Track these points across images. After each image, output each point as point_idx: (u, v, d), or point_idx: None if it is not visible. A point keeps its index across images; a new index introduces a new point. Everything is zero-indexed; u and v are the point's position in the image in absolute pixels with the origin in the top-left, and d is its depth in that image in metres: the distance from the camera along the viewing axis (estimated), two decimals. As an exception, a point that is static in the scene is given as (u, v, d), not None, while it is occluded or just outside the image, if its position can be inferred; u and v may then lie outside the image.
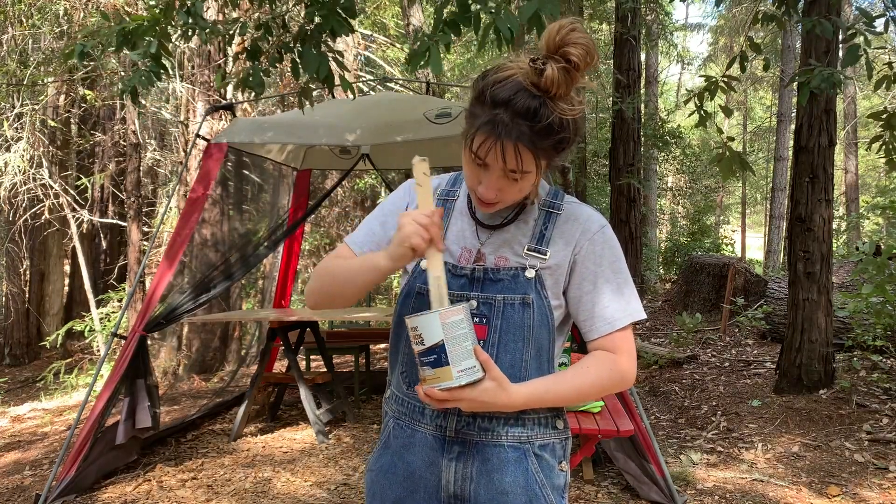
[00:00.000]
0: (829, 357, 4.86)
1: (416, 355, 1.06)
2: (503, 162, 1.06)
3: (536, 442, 1.19)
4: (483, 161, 1.08)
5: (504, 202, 1.14)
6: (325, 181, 9.47)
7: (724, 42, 20.23)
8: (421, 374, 1.06)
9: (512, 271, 1.17)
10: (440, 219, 1.08)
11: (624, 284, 1.19)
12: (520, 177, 1.09)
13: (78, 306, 10.15)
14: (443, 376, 1.03)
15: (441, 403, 1.06)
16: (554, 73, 1.02)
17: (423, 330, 1.03)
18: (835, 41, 4.54)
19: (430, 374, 1.04)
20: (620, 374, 1.17)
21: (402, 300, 1.23)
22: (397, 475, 1.22)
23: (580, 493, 3.41)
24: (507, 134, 1.04)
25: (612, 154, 9.84)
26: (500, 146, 1.04)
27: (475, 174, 1.12)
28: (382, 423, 1.30)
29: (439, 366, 1.03)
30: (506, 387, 1.08)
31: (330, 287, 1.22)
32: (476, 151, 1.08)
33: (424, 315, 1.03)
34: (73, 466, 3.45)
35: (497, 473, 1.16)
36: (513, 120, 1.03)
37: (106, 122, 9.93)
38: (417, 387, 1.08)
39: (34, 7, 7.54)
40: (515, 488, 1.16)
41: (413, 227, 1.06)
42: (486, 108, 1.06)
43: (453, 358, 1.03)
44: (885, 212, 6.00)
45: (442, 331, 1.02)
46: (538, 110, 1.03)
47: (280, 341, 4.65)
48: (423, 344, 1.03)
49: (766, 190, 19.55)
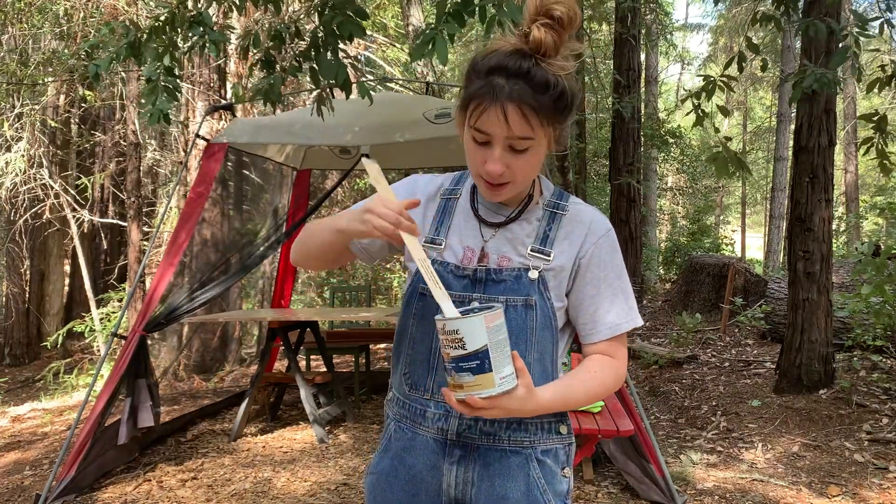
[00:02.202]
0: (828, 357, 4.86)
1: (451, 360, 0.99)
2: (507, 126, 1.03)
3: (539, 447, 1.18)
4: (485, 133, 1.05)
5: (514, 182, 1.10)
6: (325, 181, 9.47)
7: (723, 42, 20.23)
8: (456, 379, 0.99)
9: (515, 272, 1.15)
10: (404, 208, 1.06)
11: (626, 291, 1.20)
12: (526, 145, 1.06)
13: (78, 306, 10.15)
14: (485, 383, 0.97)
15: (476, 412, 1.00)
16: (540, 32, 1.03)
17: (466, 334, 0.96)
18: (834, 43, 4.54)
19: (469, 380, 0.98)
20: (620, 378, 1.19)
21: (406, 301, 1.22)
22: (399, 478, 1.20)
23: (580, 493, 3.41)
24: (506, 95, 1.02)
25: (612, 154, 9.84)
26: (500, 109, 1.02)
27: (479, 154, 1.08)
28: (384, 426, 1.28)
29: (482, 372, 0.97)
30: (534, 393, 1.04)
31: (304, 243, 1.26)
32: (476, 125, 1.05)
33: (468, 318, 0.97)
34: (73, 466, 3.45)
35: (498, 478, 1.15)
36: (508, 81, 1.03)
37: (106, 121, 9.93)
38: (446, 390, 1.02)
39: (34, 7, 7.54)
40: (517, 494, 1.15)
41: (379, 210, 1.05)
42: (480, 78, 1.05)
43: (496, 364, 0.97)
44: (885, 212, 6.00)
45: (487, 336, 0.97)
46: (531, 69, 1.03)
47: (280, 341, 4.66)
48: (464, 349, 0.97)
49: (766, 190, 19.55)
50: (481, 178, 1.11)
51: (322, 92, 3.25)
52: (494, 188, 1.11)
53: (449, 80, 9.51)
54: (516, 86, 1.02)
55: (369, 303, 6.62)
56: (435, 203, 1.25)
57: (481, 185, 1.13)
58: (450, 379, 1.01)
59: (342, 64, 3.01)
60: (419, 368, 1.19)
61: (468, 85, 1.08)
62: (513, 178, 1.10)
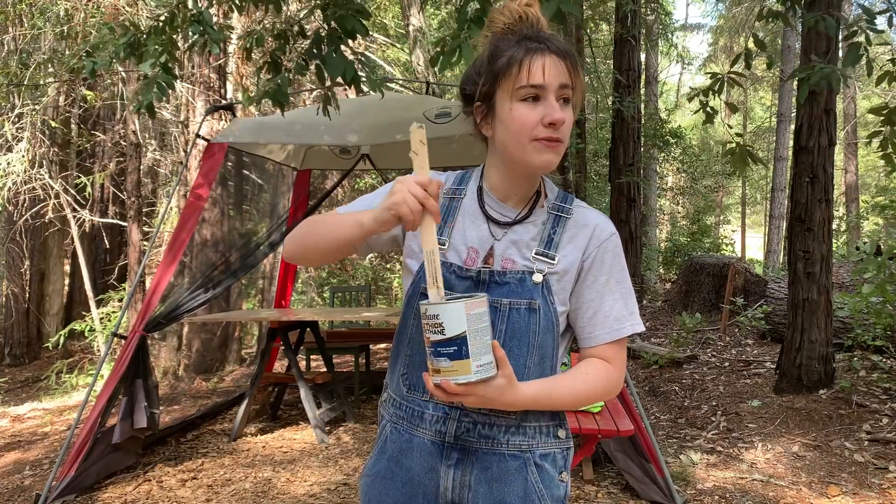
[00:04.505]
0: (829, 357, 4.86)
1: (430, 344, 1.01)
2: (560, 72, 1.09)
3: (537, 451, 1.17)
4: (538, 86, 1.09)
5: (564, 141, 1.12)
6: (325, 181, 9.47)
7: (724, 42, 20.22)
8: (434, 363, 1.01)
9: (518, 275, 1.15)
10: (437, 190, 1.04)
11: (628, 295, 1.19)
12: (570, 94, 1.11)
13: (78, 306, 10.15)
14: (461, 369, 0.99)
15: (451, 397, 1.02)
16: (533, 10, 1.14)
17: (445, 319, 0.98)
18: (835, 40, 4.54)
19: (446, 365, 1.00)
20: (614, 385, 1.17)
21: (406, 301, 1.20)
22: (395, 481, 1.19)
23: (580, 493, 3.41)
24: (550, 50, 1.10)
25: (612, 154, 9.84)
26: (550, 58, 1.09)
27: (532, 114, 1.10)
28: (379, 428, 1.27)
29: (458, 358, 0.99)
30: (514, 385, 1.05)
31: (309, 236, 1.19)
32: (530, 81, 1.09)
33: (449, 304, 0.99)
34: (73, 466, 3.45)
35: (497, 483, 1.14)
36: (547, 40, 1.11)
37: (106, 121, 9.93)
38: (426, 375, 1.03)
39: (35, 7, 7.54)
40: (514, 499, 1.14)
41: (404, 195, 1.02)
42: (511, 47, 1.11)
43: (474, 352, 0.99)
44: (885, 211, 6.00)
45: (466, 322, 0.98)
46: (549, 36, 1.13)
47: (280, 341, 4.66)
48: (442, 334, 0.98)
49: (766, 190, 19.55)
50: (538, 143, 1.10)
51: (327, 91, 3.24)
52: (553, 146, 1.11)
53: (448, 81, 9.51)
54: (551, 44, 1.11)
55: (369, 303, 6.62)
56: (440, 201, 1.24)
57: (536, 149, 1.11)
58: (429, 363, 1.02)
59: (350, 60, 3.00)
60: (418, 370, 1.18)
61: (497, 59, 1.12)
62: (564, 136, 1.12)
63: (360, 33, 2.99)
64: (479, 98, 1.14)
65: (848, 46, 3.39)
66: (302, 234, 1.21)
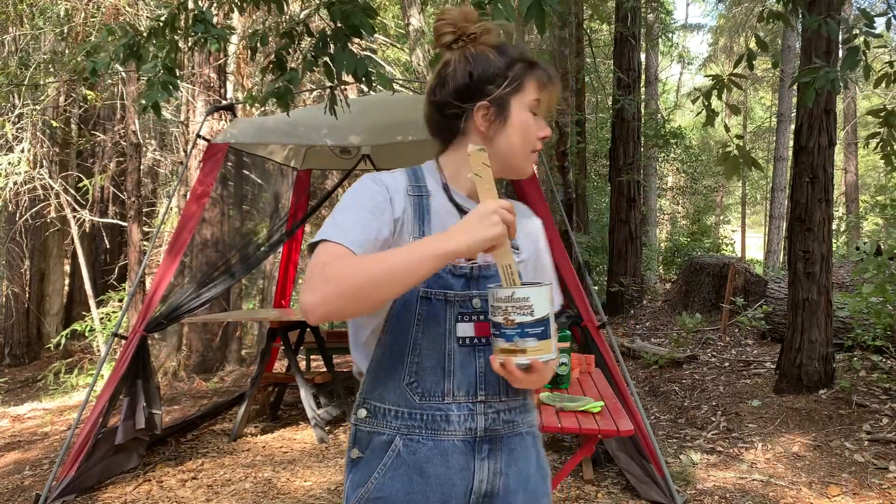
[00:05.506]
0: (829, 357, 4.86)
1: (515, 325, 1.03)
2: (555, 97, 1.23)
3: (535, 424, 1.28)
4: (544, 102, 1.21)
5: None
6: (325, 181, 9.47)
7: (724, 42, 20.22)
8: (519, 344, 1.04)
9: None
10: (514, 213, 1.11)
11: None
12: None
13: (78, 306, 10.15)
14: (545, 348, 1.05)
15: (529, 374, 1.05)
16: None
17: (535, 301, 1.04)
18: (834, 42, 4.53)
19: (534, 345, 1.04)
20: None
21: (403, 306, 1.14)
22: (421, 493, 1.14)
23: (580, 493, 3.41)
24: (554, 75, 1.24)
25: (612, 154, 9.84)
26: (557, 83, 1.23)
27: (534, 126, 1.21)
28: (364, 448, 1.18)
29: (545, 338, 1.05)
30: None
31: (369, 287, 1.00)
32: (541, 96, 1.20)
33: (536, 287, 1.06)
34: (73, 466, 3.45)
35: (522, 461, 1.22)
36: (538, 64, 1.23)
37: (106, 121, 9.93)
38: (509, 358, 1.03)
39: (35, 7, 7.55)
40: (533, 471, 1.23)
41: (503, 217, 1.04)
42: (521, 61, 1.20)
43: (553, 332, 1.07)
44: (885, 211, 6.00)
45: (549, 304, 1.06)
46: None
47: (280, 341, 4.66)
48: (532, 315, 1.04)
49: (766, 190, 19.55)
50: (532, 153, 1.23)
51: (334, 89, 3.22)
52: (534, 157, 1.23)
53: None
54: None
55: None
56: (409, 202, 1.17)
57: (530, 159, 1.23)
58: (504, 345, 1.06)
59: (359, 57, 2.98)
60: (431, 375, 1.15)
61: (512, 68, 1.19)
62: None
63: (366, 30, 2.97)
64: (492, 100, 1.18)
65: (847, 50, 3.39)
66: (358, 287, 1.00)
